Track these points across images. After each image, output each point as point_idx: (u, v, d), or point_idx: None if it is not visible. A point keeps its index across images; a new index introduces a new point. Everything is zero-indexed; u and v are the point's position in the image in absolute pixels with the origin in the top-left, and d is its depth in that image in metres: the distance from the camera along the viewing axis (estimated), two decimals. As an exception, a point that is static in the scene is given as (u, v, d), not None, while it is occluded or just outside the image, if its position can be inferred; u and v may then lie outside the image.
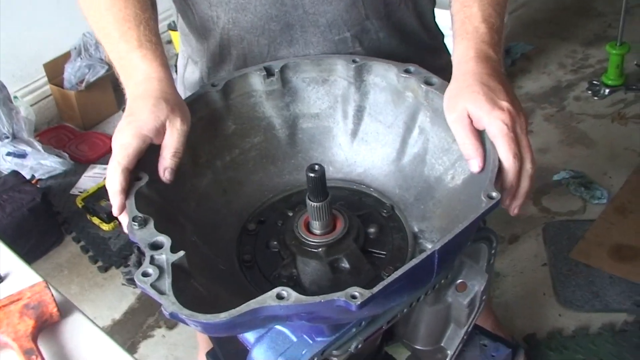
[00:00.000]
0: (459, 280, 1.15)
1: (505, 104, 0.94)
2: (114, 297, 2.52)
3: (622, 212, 2.55)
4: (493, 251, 1.17)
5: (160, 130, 0.96)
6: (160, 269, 0.82)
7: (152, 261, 0.83)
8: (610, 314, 2.21)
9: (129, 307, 2.47)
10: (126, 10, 1.06)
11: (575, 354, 2.11)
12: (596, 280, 2.31)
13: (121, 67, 1.06)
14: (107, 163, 0.96)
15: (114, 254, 2.68)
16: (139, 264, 2.50)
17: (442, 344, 1.26)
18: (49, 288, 1.16)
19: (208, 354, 1.39)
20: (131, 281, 2.52)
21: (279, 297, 0.77)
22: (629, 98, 3.18)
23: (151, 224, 0.88)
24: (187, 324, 0.81)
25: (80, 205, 2.85)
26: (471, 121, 0.95)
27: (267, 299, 0.77)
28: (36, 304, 1.14)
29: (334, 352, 0.99)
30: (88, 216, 2.83)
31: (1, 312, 1.12)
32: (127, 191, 0.93)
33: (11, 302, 1.14)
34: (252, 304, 0.77)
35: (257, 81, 1.15)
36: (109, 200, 0.95)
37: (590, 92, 3.25)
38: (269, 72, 1.14)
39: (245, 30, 1.21)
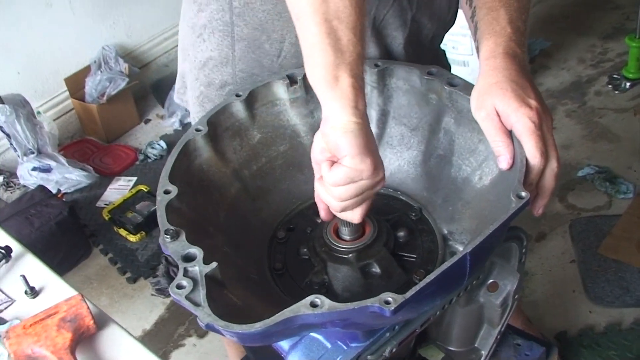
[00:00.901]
0: (491, 281, 1.15)
1: (533, 102, 0.94)
2: (144, 308, 2.53)
3: (649, 206, 2.53)
4: (524, 250, 1.16)
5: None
6: (194, 280, 0.83)
7: (186, 273, 0.85)
8: (641, 309, 2.19)
9: (159, 317, 2.49)
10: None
11: (607, 350, 2.09)
12: (626, 275, 2.29)
13: (325, 91, 0.95)
14: (131, 175, 0.96)
15: (142, 265, 2.69)
16: (168, 274, 2.55)
17: (475, 345, 1.26)
18: (85, 301, 1.18)
19: (242, 360, 1.40)
20: (160, 291, 2.54)
21: (313, 305, 0.78)
22: (651, 91, 3.15)
23: (183, 236, 0.89)
24: (222, 335, 0.81)
25: (106, 218, 2.87)
26: (500, 119, 0.96)
27: (301, 308, 0.78)
28: (73, 317, 1.15)
29: (369, 358, 0.99)
30: (115, 228, 2.85)
31: (39, 326, 1.14)
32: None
33: (48, 315, 1.15)
34: (287, 312, 0.77)
35: (280, 90, 1.15)
36: (135, 211, 0.95)
37: (610, 86, 3.23)
38: (292, 80, 1.15)
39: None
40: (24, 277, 1.27)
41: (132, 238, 2.79)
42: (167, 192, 0.96)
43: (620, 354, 2.07)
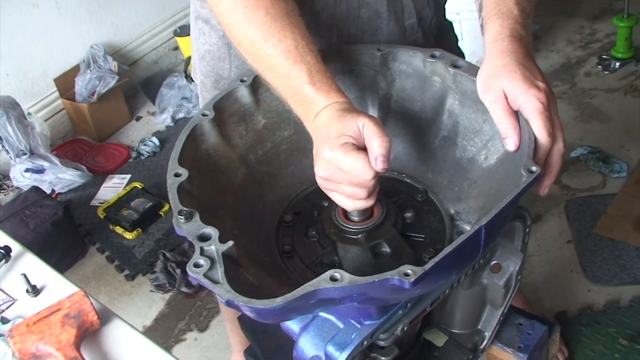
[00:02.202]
0: (494, 262, 1.16)
1: (541, 84, 0.96)
2: (143, 304, 2.53)
3: (643, 184, 2.54)
4: (527, 230, 1.17)
5: (358, 134, 0.94)
6: (211, 259, 0.84)
7: (202, 252, 0.85)
8: (639, 286, 2.20)
9: (159, 312, 2.49)
10: (286, 41, 1.02)
11: (607, 328, 2.10)
12: (622, 253, 2.30)
13: (295, 102, 1.03)
14: (124, 173, 0.97)
15: (140, 262, 2.69)
16: (166, 269, 2.55)
17: (479, 327, 1.27)
18: (88, 297, 1.18)
19: (246, 351, 1.40)
20: (159, 287, 2.54)
21: (333, 279, 0.79)
22: (640, 70, 3.17)
23: (197, 217, 0.90)
24: (241, 311, 0.82)
25: (102, 216, 2.87)
26: (507, 101, 0.97)
27: (321, 282, 0.79)
28: (76, 313, 1.15)
29: (381, 336, 1.00)
30: (111, 226, 2.84)
31: (43, 323, 1.14)
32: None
33: (52, 312, 1.15)
34: (307, 287, 0.78)
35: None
36: (131, 209, 0.96)
37: (600, 66, 3.24)
38: None
39: (339, 20, 1.24)
40: (24, 275, 1.27)
41: (129, 235, 2.79)
42: (177, 175, 0.97)
43: (620, 331, 2.09)
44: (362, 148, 0.92)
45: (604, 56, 3.27)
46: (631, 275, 2.23)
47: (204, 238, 0.87)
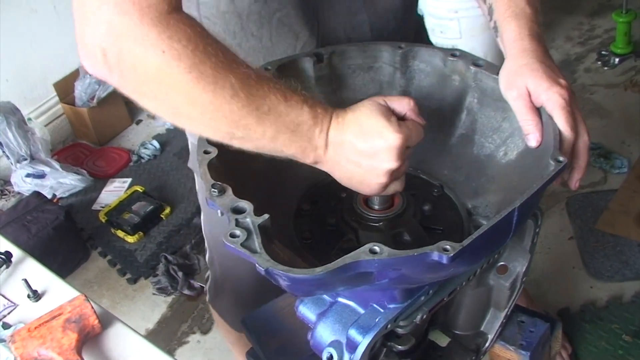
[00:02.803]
0: (501, 263, 1.16)
1: (563, 81, 0.99)
2: (146, 308, 2.53)
3: (645, 180, 2.54)
4: (538, 229, 1.17)
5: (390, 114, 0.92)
6: (248, 230, 0.84)
7: (238, 224, 0.85)
8: (642, 282, 2.21)
9: (161, 316, 2.49)
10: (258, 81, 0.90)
11: (610, 324, 2.11)
12: (624, 249, 2.30)
13: (296, 136, 0.91)
14: (125, 176, 0.97)
15: (142, 265, 2.69)
16: (168, 272, 2.55)
17: (482, 329, 1.27)
18: (89, 301, 1.18)
19: (248, 353, 1.40)
20: (161, 290, 2.54)
21: (372, 251, 0.80)
22: (640, 65, 3.17)
23: (229, 191, 0.90)
24: (277, 282, 0.83)
25: (103, 220, 2.87)
26: (530, 98, 0.99)
27: (361, 254, 0.79)
28: (77, 317, 1.15)
29: (401, 323, 1.01)
30: (112, 230, 2.85)
31: (44, 328, 1.14)
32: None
33: (53, 317, 1.15)
34: (347, 258, 0.79)
35: (308, 66, 1.16)
36: (132, 212, 0.96)
37: (600, 62, 3.24)
38: (319, 58, 1.16)
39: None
40: (25, 280, 1.27)
41: (130, 239, 2.79)
42: (207, 152, 0.97)
43: (623, 327, 2.09)
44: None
45: (603, 52, 3.27)
46: (633, 271, 2.23)
47: (238, 211, 0.87)
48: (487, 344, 1.27)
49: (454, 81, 1.13)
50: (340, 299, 1.02)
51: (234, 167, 1.04)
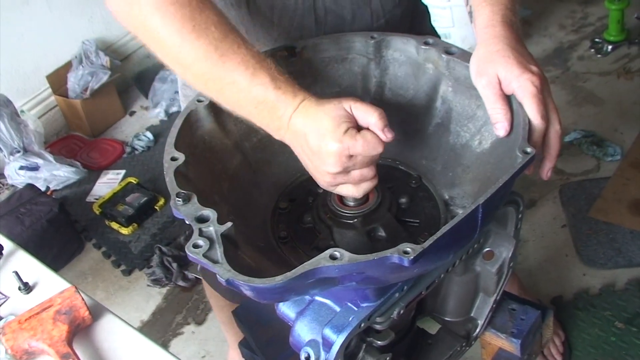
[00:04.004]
0: (487, 249, 1.16)
1: (534, 68, 0.97)
2: (141, 299, 2.53)
3: (637, 167, 2.54)
4: (520, 215, 1.17)
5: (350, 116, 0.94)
6: (210, 240, 0.85)
7: (201, 233, 0.85)
8: (634, 269, 2.21)
9: (156, 307, 2.49)
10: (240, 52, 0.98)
11: (603, 311, 2.11)
12: (617, 236, 2.31)
13: (260, 112, 0.98)
14: (119, 168, 0.97)
15: (136, 257, 2.69)
16: (162, 264, 2.55)
17: (472, 315, 1.27)
18: (79, 292, 1.18)
19: (240, 343, 1.40)
20: (156, 282, 2.54)
21: (333, 257, 0.80)
22: (633, 52, 3.16)
23: (194, 199, 0.90)
24: (241, 291, 0.83)
25: (97, 212, 2.86)
26: (500, 86, 0.98)
27: (321, 260, 0.80)
28: (68, 309, 1.15)
29: (378, 319, 1.01)
30: (106, 222, 2.84)
31: (34, 320, 1.14)
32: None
33: (43, 309, 1.16)
34: (307, 265, 0.79)
35: (280, 61, 1.16)
36: (126, 204, 0.96)
37: (593, 50, 3.23)
38: (290, 53, 1.15)
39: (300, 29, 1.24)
40: (16, 273, 1.27)
41: (125, 231, 2.79)
42: (173, 159, 0.97)
43: (616, 314, 2.10)
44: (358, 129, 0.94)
45: (596, 40, 3.26)
46: (626, 259, 2.23)
47: (202, 220, 0.87)
48: (477, 330, 1.28)
49: (428, 69, 1.12)
50: (317, 298, 1.02)
51: (206, 169, 1.03)
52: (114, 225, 2.81)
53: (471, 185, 1.07)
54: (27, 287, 1.28)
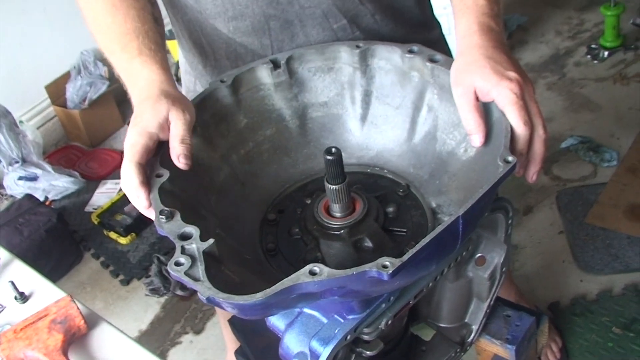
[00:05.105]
0: (478, 255, 1.16)
1: (512, 74, 0.95)
2: (139, 308, 2.54)
3: (634, 172, 2.54)
4: (510, 221, 1.17)
5: (164, 125, 0.98)
6: (192, 257, 0.84)
7: (183, 251, 0.86)
8: (631, 274, 2.21)
9: (154, 316, 2.49)
10: (126, 25, 1.10)
11: (600, 317, 2.11)
12: (614, 242, 2.31)
13: (126, 77, 1.09)
14: (118, 178, 0.98)
15: (135, 266, 2.70)
16: (160, 273, 2.55)
17: (466, 320, 1.28)
18: (74, 302, 1.18)
19: (236, 352, 1.40)
20: (154, 291, 2.54)
21: (312, 273, 0.79)
22: (629, 58, 3.17)
23: (178, 216, 0.90)
24: (223, 308, 0.82)
25: (96, 222, 2.87)
26: (476, 97, 0.97)
27: (301, 276, 0.79)
28: (63, 318, 1.16)
29: (365, 330, 1.01)
30: (105, 232, 2.85)
31: (30, 329, 1.14)
32: (147, 184, 0.95)
33: (38, 318, 1.16)
34: (287, 281, 0.79)
35: (264, 74, 1.16)
36: (124, 213, 0.98)
37: (589, 56, 3.24)
38: (275, 65, 1.16)
39: (247, 35, 1.23)
40: (12, 283, 1.27)
41: (123, 240, 2.79)
42: (158, 175, 0.97)
43: (613, 319, 2.10)
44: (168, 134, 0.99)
45: (592, 46, 3.27)
46: (623, 264, 2.24)
47: (184, 237, 0.87)
48: (472, 336, 1.28)
49: (414, 77, 1.12)
50: (305, 310, 1.01)
51: (193, 184, 1.03)
52: (113, 235, 2.82)
53: (457, 193, 1.07)
54: (23, 297, 1.29)
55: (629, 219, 2.36)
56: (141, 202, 0.95)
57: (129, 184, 0.95)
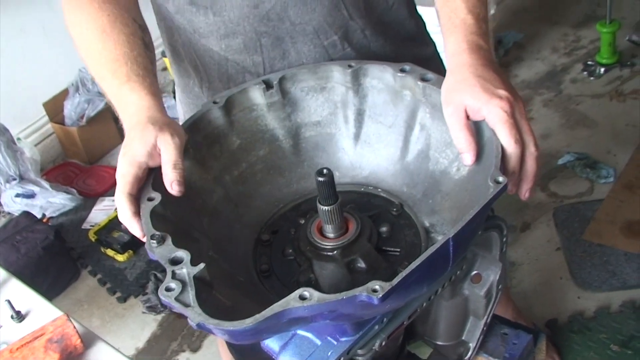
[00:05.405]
0: (474, 272, 1.16)
1: (502, 92, 0.95)
2: (136, 326, 2.53)
3: (630, 189, 2.55)
4: (504, 239, 1.17)
5: (152, 153, 0.99)
6: (183, 282, 0.84)
7: (174, 276, 0.85)
8: (629, 291, 2.21)
9: (151, 334, 2.49)
10: (116, 51, 1.11)
11: (598, 334, 2.11)
12: (611, 259, 2.31)
13: (116, 103, 1.09)
14: (115, 195, 0.99)
15: (132, 284, 2.70)
16: (157, 291, 2.53)
17: (463, 338, 1.27)
18: (71, 321, 1.18)
19: (233, 370, 1.40)
20: (151, 309, 2.54)
21: (302, 297, 0.79)
22: (625, 75, 3.18)
23: (169, 241, 0.90)
24: (213, 334, 0.82)
25: (93, 239, 2.87)
26: (467, 115, 0.97)
27: (290, 301, 0.79)
28: (59, 337, 1.15)
29: (359, 352, 1.00)
30: (102, 249, 2.85)
31: (26, 349, 1.14)
32: (139, 214, 0.95)
33: (35, 338, 1.16)
34: (276, 307, 0.78)
35: (257, 95, 1.16)
36: (122, 231, 0.98)
37: (585, 72, 3.26)
38: (268, 85, 1.16)
39: (239, 53, 1.23)
40: (9, 302, 1.27)
41: (120, 257, 2.79)
42: (150, 199, 0.97)
43: (611, 336, 2.09)
44: (158, 161, 0.99)
45: (588, 62, 3.29)
46: (620, 281, 2.24)
47: (175, 261, 0.87)
48: (469, 353, 1.27)
49: (406, 96, 1.12)
50: (299, 331, 1.00)
51: (186, 206, 1.03)
52: (110, 252, 2.82)
53: (450, 212, 1.06)
54: (19, 316, 1.28)
55: (626, 235, 2.37)
56: (136, 232, 0.96)
57: (122, 215, 0.96)
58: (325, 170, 0.96)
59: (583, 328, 2.14)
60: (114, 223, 2.87)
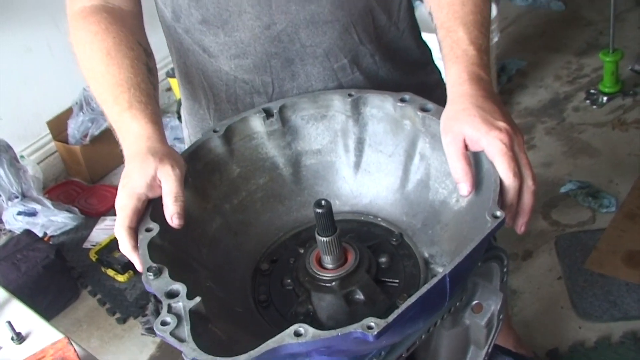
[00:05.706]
0: (475, 302, 1.16)
1: (502, 124, 0.95)
2: (135, 348, 2.52)
3: (632, 219, 2.55)
4: (505, 269, 1.17)
5: (152, 184, 0.99)
6: (178, 316, 0.84)
7: (170, 309, 0.85)
8: (630, 322, 2.20)
9: (150, 356, 2.47)
10: (119, 75, 1.11)
11: (599, 365, 2.10)
12: (613, 289, 2.30)
13: (117, 129, 1.09)
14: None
15: (131, 305, 2.69)
16: (157, 312, 2.49)
17: (464, 368, 1.27)
18: (71, 343, 1.18)
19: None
20: (150, 330, 2.49)
21: (297, 334, 0.78)
22: (627, 104, 3.19)
23: (166, 273, 0.89)
24: None
25: (94, 259, 2.87)
26: (465, 145, 0.97)
27: (285, 337, 0.78)
28: (60, 361, 1.15)
29: None
30: (102, 269, 2.84)
31: (26, 373, 1.14)
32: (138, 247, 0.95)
33: (35, 361, 1.15)
34: (271, 343, 0.78)
35: (257, 123, 1.17)
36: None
37: (588, 101, 3.27)
38: (268, 113, 1.16)
39: (248, 72, 1.24)
40: (9, 323, 1.27)
41: (120, 278, 2.78)
42: (148, 229, 0.97)
43: (612, 368, 2.08)
44: (158, 192, 0.99)
45: (591, 91, 3.30)
46: (622, 311, 2.23)
47: (172, 295, 0.87)
48: (470, 384, 1.27)
49: (406, 126, 1.12)
50: None
51: (184, 236, 1.03)
52: (110, 272, 2.81)
53: (449, 243, 1.06)
54: (19, 337, 1.28)
55: (627, 265, 2.36)
56: (136, 264, 0.96)
57: (123, 248, 0.96)
58: (323, 202, 0.96)
59: (584, 358, 2.13)
60: (115, 243, 2.83)
